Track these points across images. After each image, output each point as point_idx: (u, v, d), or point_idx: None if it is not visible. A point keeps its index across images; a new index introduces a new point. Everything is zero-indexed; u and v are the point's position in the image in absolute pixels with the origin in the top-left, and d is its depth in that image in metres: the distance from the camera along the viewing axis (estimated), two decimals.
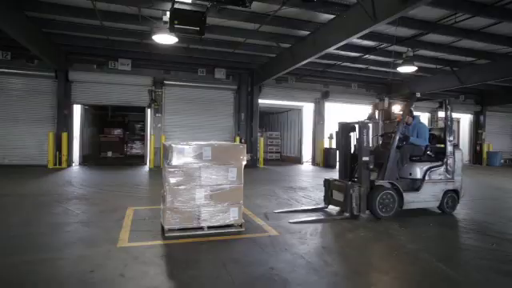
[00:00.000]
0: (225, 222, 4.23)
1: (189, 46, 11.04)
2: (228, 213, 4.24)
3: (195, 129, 13.33)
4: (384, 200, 5.07)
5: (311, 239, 4.17)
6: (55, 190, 7.22)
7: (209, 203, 4.15)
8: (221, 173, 4.19)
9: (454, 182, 5.64)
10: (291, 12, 7.94)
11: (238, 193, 4.28)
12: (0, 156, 11.35)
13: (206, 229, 4.14)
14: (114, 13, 8.28)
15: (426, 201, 5.47)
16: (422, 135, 5.66)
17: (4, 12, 7.34)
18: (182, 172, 4.05)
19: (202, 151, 4.11)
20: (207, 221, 4.16)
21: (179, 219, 4.06)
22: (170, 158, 3.99)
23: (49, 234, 4.13)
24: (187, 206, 4.08)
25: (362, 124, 5.12)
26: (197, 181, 4.10)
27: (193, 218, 4.12)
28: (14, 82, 11.55)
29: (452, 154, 5.60)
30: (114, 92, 12.36)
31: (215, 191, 4.18)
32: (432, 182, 5.45)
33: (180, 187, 4.05)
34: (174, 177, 4.03)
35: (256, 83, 13.77)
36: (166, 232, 4.02)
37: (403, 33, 9.20)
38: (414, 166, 5.50)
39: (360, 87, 15.83)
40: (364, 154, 5.06)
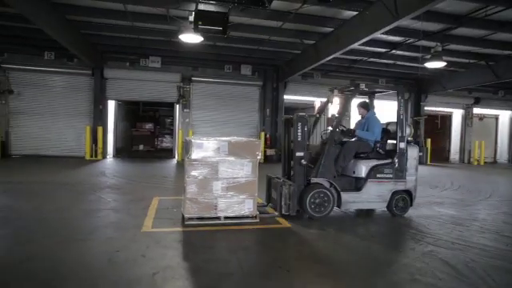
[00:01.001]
0: (240, 213, 4.48)
1: (215, 43, 11.40)
2: (243, 204, 4.49)
3: (221, 124, 13.73)
4: (316, 199, 4.69)
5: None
6: (91, 179, 7.86)
7: (225, 195, 4.42)
8: (237, 167, 4.44)
9: (406, 182, 5.08)
10: (313, 9, 8.00)
11: (252, 186, 4.51)
12: (44, 147, 12.38)
13: (222, 219, 4.42)
14: (143, 14, 8.76)
15: (370, 201, 4.98)
16: (371, 129, 5.15)
17: (47, 16, 8.04)
18: (201, 165, 4.35)
19: (219, 146, 4.39)
20: (224, 211, 4.43)
21: (198, 209, 4.37)
22: (190, 153, 4.31)
23: (82, 218, 4.61)
24: (205, 197, 4.37)
25: (296, 117, 4.78)
26: (214, 174, 4.38)
27: (210, 208, 4.41)
28: (56, 80, 12.50)
29: (404, 151, 5.05)
30: (145, 88, 13.01)
31: (231, 184, 4.43)
32: (377, 182, 4.94)
33: (199, 179, 4.36)
34: (193, 169, 4.34)
35: (281, 79, 13.90)
36: (185, 220, 4.35)
37: (431, 27, 8.95)
38: (358, 164, 5.01)
39: (388, 82, 15.43)
40: (298, 150, 4.75)
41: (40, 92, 12.33)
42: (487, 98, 16.86)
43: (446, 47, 10.42)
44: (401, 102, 5.13)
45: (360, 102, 5.56)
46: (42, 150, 12.28)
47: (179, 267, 3.10)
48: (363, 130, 5.28)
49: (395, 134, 5.14)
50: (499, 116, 18.20)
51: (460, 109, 17.11)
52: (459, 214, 5.47)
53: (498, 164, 17.25)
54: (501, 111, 17.97)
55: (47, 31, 8.27)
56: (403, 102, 5.18)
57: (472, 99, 16.75)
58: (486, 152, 16.81)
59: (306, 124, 4.83)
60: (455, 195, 7.30)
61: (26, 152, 12.17)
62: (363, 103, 5.51)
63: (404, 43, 10.33)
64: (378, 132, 5.24)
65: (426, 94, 15.83)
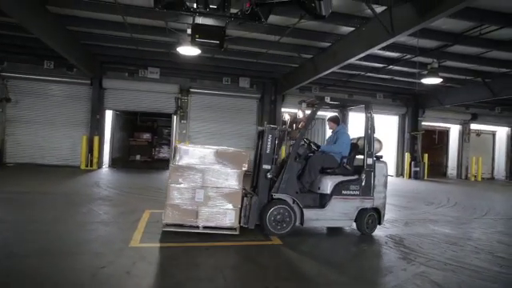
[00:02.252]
0: (221, 223, 4.40)
1: (214, 55, 11.49)
2: (225, 215, 4.42)
3: (218, 136, 13.72)
4: (277, 216, 4.53)
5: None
6: (84, 190, 7.79)
7: (208, 204, 4.38)
8: (222, 176, 4.42)
9: (373, 200, 4.87)
10: (310, 25, 8.09)
11: (236, 197, 4.45)
12: (39, 156, 12.32)
13: (201, 228, 4.35)
14: (143, 26, 8.84)
15: (334, 219, 4.77)
16: (338, 143, 5.00)
17: (47, 26, 8.11)
18: (186, 172, 4.35)
19: (205, 154, 4.40)
20: (205, 220, 4.36)
21: (178, 216, 4.34)
22: (176, 158, 4.31)
23: (70, 231, 4.52)
24: (187, 205, 4.35)
25: (267, 129, 4.65)
26: (198, 181, 4.36)
27: (191, 216, 4.35)
28: (55, 89, 12.54)
29: (371, 168, 4.86)
30: (143, 99, 13.05)
31: (215, 193, 4.40)
32: (343, 199, 4.74)
33: (182, 186, 4.34)
34: (177, 176, 4.34)
35: (279, 92, 13.97)
36: (163, 226, 4.30)
37: (427, 44, 9.05)
38: (323, 180, 4.81)
39: (386, 97, 15.57)
40: (265, 162, 4.61)
41: (38, 101, 12.35)
42: (484, 114, 16.94)
43: (443, 64, 10.52)
44: (369, 117, 4.97)
45: (330, 116, 5.48)
46: (38, 159, 12.22)
47: (162, 286, 3.02)
48: (331, 144, 5.14)
49: (363, 149, 5.00)
50: (496, 132, 18.27)
51: (457, 124, 17.17)
52: (454, 233, 5.40)
53: (495, 180, 17.22)
54: (498, 127, 18.05)
55: (46, 41, 8.32)
56: (371, 117, 4.99)
57: (469, 115, 16.83)
58: (484, 168, 16.80)
59: (277, 137, 4.71)
60: (451, 212, 7.23)
61: (21, 161, 12.11)
62: (333, 117, 5.42)
63: (401, 59, 10.41)
64: (346, 147, 5.06)
65: (424, 109, 15.90)
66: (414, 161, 15.33)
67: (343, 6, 7.10)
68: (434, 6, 5.81)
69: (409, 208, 7.59)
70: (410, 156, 15.43)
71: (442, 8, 5.68)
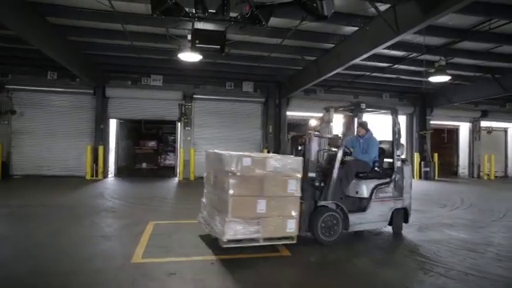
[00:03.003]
0: (281, 233, 4.20)
1: (216, 61, 11.36)
2: (286, 224, 4.22)
3: (224, 141, 13.54)
4: (327, 223, 4.54)
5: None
6: (88, 201, 7.67)
7: (269, 214, 4.10)
8: (282, 184, 4.22)
9: (403, 200, 5.17)
10: (313, 26, 7.91)
11: (295, 204, 4.29)
12: (45, 167, 12.30)
13: (261, 241, 4.10)
14: (143, 33, 8.77)
15: (374, 221, 4.96)
16: (370, 150, 5.14)
17: (47, 38, 8.07)
18: (247, 182, 4.03)
19: (265, 163, 4.16)
20: (266, 232, 4.10)
21: (241, 230, 3.99)
22: (235, 168, 3.97)
23: (71, 246, 4.38)
24: (249, 217, 4.03)
25: (311, 136, 4.73)
26: (260, 191, 4.08)
27: (253, 229, 4.05)
28: (59, 100, 12.51)
29: (400, 170, 5.16)
30: (147, 106, 12.97)
31: (275, 202, 4.17)
32: (380, 201, 4.93)
33: (243, 197, 4.02)
34: (237, 187, 3.98)
35: (283, 95, 13.79)
36: (223, 243, 3.94)
37: (433, 41, 8.80)
38: (360, 184, 4.97)
39: (392, 97, 15.28)
40: (310, 169, 4.59)
41: (42, 112, 12.34)
42: (495, 111, 16.52)
43: (450, 61, 10.23)
44: (395, 122, 5.24)
45: (360, 122, 5.46)
46: (44, 170, 12.18)
47: None
48: (362, 151, 5.22)
49: (389, 152, 5.26)
50: (508, 129, 17.81)
51: (467, 122, 16.76)
52: (472, 238, 5.13)
53: (509, 178, 16.74)
54: (510, 124, 17.58)
55: (47, 53, 8.29)
56: (398, 122, 5.29)
57: (479, 112, 16.42)
58: (496, 166, 16.35)
59: (320, 143, 4.84)
60: (466, 215, 6.94)
61: (27, 172, 12.07)
62: (364, 124, 5.41)
63: (407, 57, 10.17)
64: (376, 152, 5.24)
65: (432, 108, 15.56)
66: (424, 161, 14.98)
67: (345, 5, 6.91)
68: (439, 3, 5.61)
69: (421, 211, 7.30)
70: (419, 156, 15.09)
71: (448, 4, 5.47)
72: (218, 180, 4.39)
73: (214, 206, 4.48)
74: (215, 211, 4.36)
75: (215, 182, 4.54)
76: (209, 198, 4.83)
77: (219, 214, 4.18)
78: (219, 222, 4.12)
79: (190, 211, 6.79)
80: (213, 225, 4.34)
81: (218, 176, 4.40)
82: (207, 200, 4.89)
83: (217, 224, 4.20)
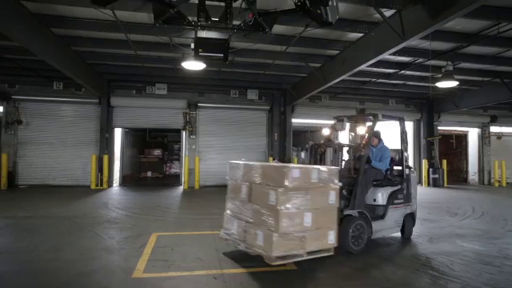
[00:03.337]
0: (323, 246, 4.10)
1: (220, 69, 11.36)
2: (326, 236, 4.14)
3: (229, 150, 13.47)
4: (355, 231, 4.59)
5: None
6: (91, 212, 7.59)
7: (314, 226, 4.01)
8: (325, 195, 4.15)
9: (412, 206, 5.47)
10: (317, 32, 7.84)
11: (334, 215, 4.25)
12: (50, 177, 12.31)
13: (305, 255, 3.96)
14: (147, 43, 8.77)
15: (391, 228, 5.16)
16: (385, 159, 5.32)
17: (52, 48, 8.10)
18: (295, 194, 3.89)
19: (311, 173, 4.07)
20: (310, 246, 3.99)
21: (289, 245, 3.83)
22: (284, 180, 3.83)
23: (72, 261, 4.27)
24: (296, 231, 3.88)
25: (337, 146, 4.89)
26: (306, 203, 3.97)
27: (299, 244, 3.90)
28: (64, 109, 12.58)
29: (409, 177, 5.46)
30: (152, 115, 12.97)
31: (319, 214, 4.08)
32: (394, 208, 5.16)
33: (291, 211, 3.86)
34: (286, 200, 3.83)
35: (288, 103, 13.70)
36: (272, 260, 3.73)
37: (440, 46, 8.68)
38: (377, 192, 5.12)
39: (398, 103, 15.11)
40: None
41: (48, 122, 12.40)
42: (504, 116, 16.23)
43: (458, 66, 10.07)
44: (403, 130, 5.52)
45: (374, 132, 5.44)
46: (49, 180, 12.20)
47: None
48: (376, 159, 5.35)
49: (397, 160, 5.54)
50: None
51: (476, 128, 16.47)
52: (487, 250, 4.92)
53: None
54: None
55: (52, 63, 8.31)
56: (405, 132, 5.56)
57: (488, 117, 16.14)
58: (508, 172, 15.97)
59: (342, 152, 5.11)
60: (479, 225, 6.70)
61: (32, 182, 12.10)
62: (378, 133, 5.50)
63: (413, 63, 10.03)
64: (389, 160, 5.42)
65: (439, 114, 15.34)
66: (432, 167, 14.70)
67: (350, 11, 6.83)
68: (446, 7, 5.49)
69: (431, 220, 7.10)
70: (427, 162, 14.82)
71: (456, 8, 5.35)
72: (257, 193, 4.11)
73: (252, 221, 4.13)
74: (255, 226, 4.05)
75: (251, 194, 4.22)
76: (240, 213, 4.38)
77: (261, 229, 3.93)
78: (263, 238, 3.88)
79: (193, 222, 6.70)
80: (252, 241, 4.04)
81: (257, 188, 4.11)
82: (238, 214, 4.43)
83: (260, 240, 3.93)
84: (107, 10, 6.34)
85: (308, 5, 4.35)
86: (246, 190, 4.32)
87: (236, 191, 4.53)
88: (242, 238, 4.26)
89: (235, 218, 4.46)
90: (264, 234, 3.88)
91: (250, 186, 4.27)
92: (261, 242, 3.91)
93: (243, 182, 4.40)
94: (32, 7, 6.82)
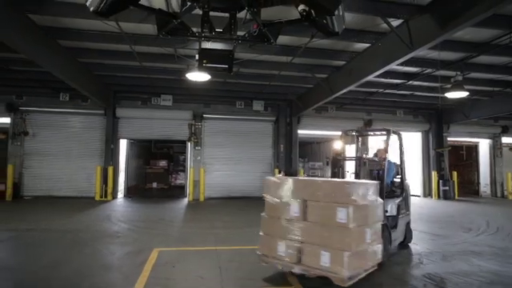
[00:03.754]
0: (375, 262, 4.00)
1: (226, 80, 11.30)
2: (377, 252, 4.06)
3: (234, 161, 13.35)
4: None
5: None
6: (94, 225, 7.47)
7: (371, 243, 3.94)
8: (375, 210, 4.10)
9: (409, 215, 5.83)
10: (323, 43, 7.73)
11: (380, 230, 4.24)
12: (56, 188, 12.26)
13: (362, 272, 3.77)
14: (152, 54, 8.76)
15: (399, 236, 5.45)
16: (389, 171, 5.56)
17: (58, 60, 8.14)
18: (359, 211, 3.78)
19: (370, 188, 4.02)
20: (368, 263, 3.87)
21: (355, 264, 3.67)
22: (353, 196, 3.69)
23: (72, 277, 4.14)
24: (361, 249, 3.78)
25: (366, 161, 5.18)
26: (365, 220, 3.89)
27: (363, 261, 3.81)
28: (71, 120, 12.63)
29: (408, 188, 5.83)
30: (157, 126, 12.94)
31: (373, 229, 4.02)
32: (401, 217, 5.43)
33: (357, 228, 3.74)
34: (354, 217, 3.66)
35: (294, 114, 13.58)
36: (344, 282, 3.48)
37: (449, 56, 8.51)
38: (387, 203, 5.18)
39: (406, 114, 14.88)
40: None
41: (54, 133, 12.43)
42: None
43: (467, 76, 9.88)
44: (401, 144, 5.80)
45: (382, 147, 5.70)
46: (54, 191, 12.14)
47: None
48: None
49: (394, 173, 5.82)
50: None
51: (486, 138, 16.11)
52: (506, 271, 4.61)
53: None
54: None
55: (57, 75, 8.34)
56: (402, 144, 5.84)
57: (499, 128, 15.79)
58: None
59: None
60: (495, 241, 6.38)
61: (37, 193, 12.05)
62: (386, 148, 5.60)
63: (421, 73, 9.86)
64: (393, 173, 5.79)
65: (448, 124, 15.05)
66: (442, 179, 14.34)
67: (356, 21, 6.72)
68: (456, 16, 5.35)
69: (443, 236, 6.81)
70: (436, 174, 14.47)
71: (466, 17, 5.21)
72: (317, 210, 3.83)
73: (309, 240, 3.83)
74: (315, 247, 3.76)
75: (307, 212, 3.91)
76: (290, 233, 3.99)
77: (326, 249, 3.68)
78: (330, 259, 3.64)
79: (196, 236, 6.53)
80: (313, 263, 3.75)
81: (317, 206, 3.84)
82: (285, 235, 4.01)
83: (325, 261, 3.67)
84: (112, 21, 6.33)
85: (314, 15, 4.25)
86: (300, 208, 3.95)
87: (280, 209, 4.12)
88: (294, 260, 3.87)
89: (281, 239, 4.03)
90: (331, 254, 3.62)
91: (304, 204, 3.94)
92: (327, 263, 3.63)
93: (293, 200, 4.01)
94: (38, 20, 6.86)
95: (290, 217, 4.01)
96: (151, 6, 5.78)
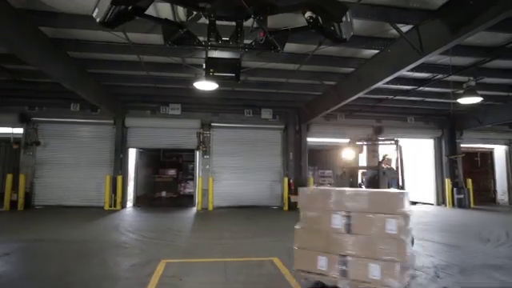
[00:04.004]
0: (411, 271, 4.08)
1: (233, 88, 11.30)
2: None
3: (243, 170, 13.25)
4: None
5: None
6: (101, 235, 7.43)
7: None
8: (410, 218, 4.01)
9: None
10: (331, 50, 7.66)
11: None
12: (66, 197, 12.33)
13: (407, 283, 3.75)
14: (159, 63, 8.81)
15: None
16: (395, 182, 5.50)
17: (68, 71, 8.23)
18: (407, 221, 3.80)
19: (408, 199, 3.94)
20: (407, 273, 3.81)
21: (404, 276, 3.66)
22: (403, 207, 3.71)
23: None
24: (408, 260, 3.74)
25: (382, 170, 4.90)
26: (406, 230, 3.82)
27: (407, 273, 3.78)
28: (81, 130, 12.75)
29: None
30: (165, 136, 12.97)
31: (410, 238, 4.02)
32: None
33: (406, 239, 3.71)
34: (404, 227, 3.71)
35: (303, 121, 13.46)
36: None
37: (461, 61, 8.32)
38: None
39: (417, 120, 14.58)
40: None
41: (64, 142, 12.55)
42: None
43: (480, 81, 9.64)
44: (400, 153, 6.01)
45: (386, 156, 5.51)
46: (64, 201, 12.19)
47: None
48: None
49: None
50: None
51: (502, 145, 15.68)
52: None
53: None
54: None
55: (67, 86, 8.43)
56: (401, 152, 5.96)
57: None
58: None
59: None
60: None
61: (48, 203, 12.13)
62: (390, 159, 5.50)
63: (432, 79, 9.67)
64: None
65: (461, 131, 14.69)
66: (456, 187, 13.94)
67: (365, 28, 6.62)
68: (468, 21, 5.21)
69: (460, 247, 6.54)
70: (450, 182, 14.09)
71: (478, 22, 5.07)
72: (364, 222, 3.78)
73: (356, 253, 3.76)
74: (363, 259, 3.71)
75: (351, 224, 3.84)
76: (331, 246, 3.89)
77: (375, 261, 3.63)
78: (381, 271, 3.59)
79: (204, 247, 6.43)
80: (361, 276, 3.69)
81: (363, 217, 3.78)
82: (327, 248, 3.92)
83: (375, 274, 3.62)
84: (119, 32, 6.38)
85: (321, 22, 4.19)
86: (344, 220, 3.88)
87: (319, 222, 4.02)
88: (340, 275, 3.78)
89: (322, 253, 3.92)
90: (382, 266, 3.57)
91: (347, 215, 3.87)
92: (377, 276, 3.58)
93: (336, 211, 3.93)
94: (49, 32, 6.96)
95: (332, 230, 3.91)
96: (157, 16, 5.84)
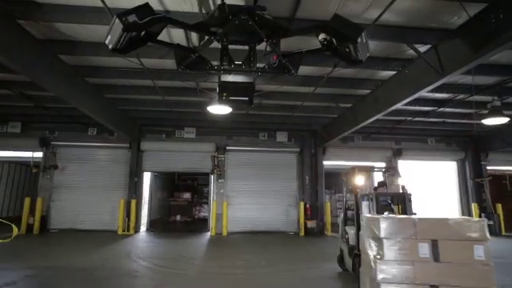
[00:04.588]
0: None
1: (248, 112, 11.25)
2: None
3: (258, 194, 12.97)
4: None
5: None
6: (112, 263, 7.25)
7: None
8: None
9: None
10: (346, 72, 7.53)
11: None
12: (80, 221, 12.32)
13: None
14: (174, 88, 8.90)
15: None
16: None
17: (85, 96, 8.40)
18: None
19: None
20: None
21: None
22: (486, 232, 3.86)
23: None
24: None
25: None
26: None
27: None
28: (97, 154, 12.91)
29: None
30: (180, 159, 12.94)
31: None
32: None
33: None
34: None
35: (319, 144, 13.20)
36: None
37: (484, 81, 7.98)
38: None
39: (438, 142, 14.06)
40: None
41: (80, 166, 12.69)
42: None
43: (506, 100, 9.21)
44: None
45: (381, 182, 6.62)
46: (78, 224, 12.17)
47: None
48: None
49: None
50: None
51: None
52: None
53: None
54: None
55: (85, 111, 8.60)
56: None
57: None
58: None
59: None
60: None
61: (63, 226, 12.13)
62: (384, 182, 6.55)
63: (453, 99, 9.33)
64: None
65: (487, 153, 14.03)
66: (485, 212, 13.12)
67: (380, 49, 6.47)
68: (490, 39, 4.97)
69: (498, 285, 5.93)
70: (477, 207, 13.30)
71: (501, 40, 4.83)
72: (452, 249, 3.84)
73: (448, 282, 3.75)
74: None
75: (439, 253, 3.83)
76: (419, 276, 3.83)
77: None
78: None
79: (215, 276, 6.14)
80: None
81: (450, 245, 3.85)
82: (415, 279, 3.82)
83: None
84: (134, 58, 6.48)
85: (335, 43, 4.07)
86: (430, 249, 3.86)
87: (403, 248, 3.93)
88: None
89: (408, 285, 3.81)
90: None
91: (434, 244, 3.87)
92: None
93: (421, 240, 3.91)
94: (67, 60, 7.16)
95: (418, 259, 3.89)
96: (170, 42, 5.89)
